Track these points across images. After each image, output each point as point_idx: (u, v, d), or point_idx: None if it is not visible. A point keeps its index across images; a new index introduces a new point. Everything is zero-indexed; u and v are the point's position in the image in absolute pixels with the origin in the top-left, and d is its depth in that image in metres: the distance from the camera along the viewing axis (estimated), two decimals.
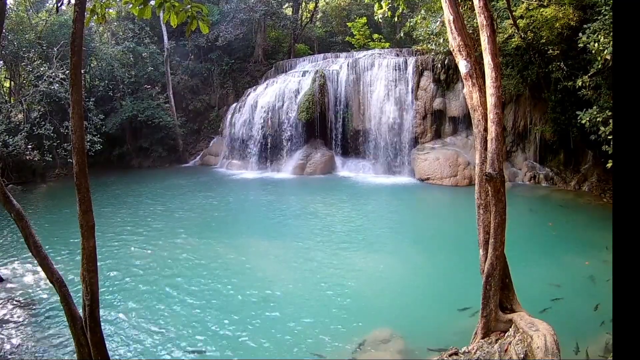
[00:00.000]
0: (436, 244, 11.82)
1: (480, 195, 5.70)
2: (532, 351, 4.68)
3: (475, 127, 5.79)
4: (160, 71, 27.01)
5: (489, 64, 5.50)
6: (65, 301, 4.46)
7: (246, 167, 23.57)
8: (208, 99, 29.03)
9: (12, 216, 4.44)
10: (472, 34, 12.41)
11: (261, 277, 9.34)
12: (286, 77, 24.40)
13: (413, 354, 6.42)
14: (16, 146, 19.62)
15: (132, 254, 10.82)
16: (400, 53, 23.95)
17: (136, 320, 7.56)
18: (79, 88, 4.33)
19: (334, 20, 33.49)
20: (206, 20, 4.74)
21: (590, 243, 10.92)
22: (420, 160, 19.96)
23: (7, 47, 22.17)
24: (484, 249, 5.60)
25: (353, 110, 22.62)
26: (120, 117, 24.86)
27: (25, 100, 21.95)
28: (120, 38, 26.60)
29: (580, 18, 13.60)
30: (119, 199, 17.41)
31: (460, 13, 6.03)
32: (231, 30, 27.37)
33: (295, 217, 14.63)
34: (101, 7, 5.05)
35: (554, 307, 7.36)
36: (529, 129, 19.21)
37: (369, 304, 8.17)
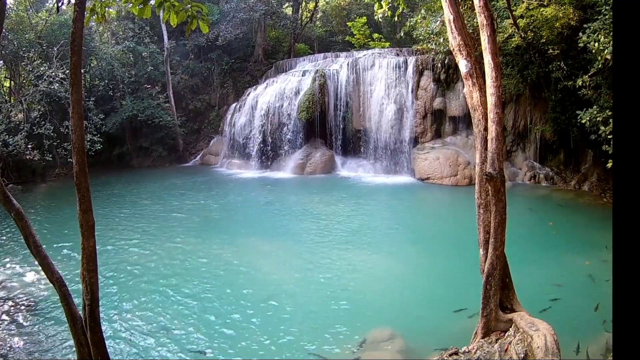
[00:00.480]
0: (436, 244, 11.82)
1: (480, 195, 5.70)
2: (532, 351, 4.68)
3: (475, 126, 5.78)
4: (160, 71, 26.99)
5: (489, 64, 5.49)
6: (65, 301, 4.45)
7: (246, 166, 23.56)
8: (208, 98, 29.02)
9: (12, 216, 4.43)
10: (472, 33, 12.40)
11: (261, 277, 9.34)
12: (286, 77, 24.38)
13: (413, 353, 6.42)
14: (16, 146, 19.62)
15: (131, 254, 10.81)
16: (401, 53, 23.94)
17: (136, 320, 7.56)
18: (79, 87, 4.33)
19: (334, 20, 33.49)
20: (206, 20, 4.73)
21: (591, 243, 10.92)
22: (421, 160, 19.95)
23: (7, 47, 22.18)
24: (484, 249, 5.59)
25: (353, 109, 22.61)
26: (120, 117, 24.86)
27: (25, 99, 21.94)
28: (120, 37, 26.59)
29: (581, 18, 13.59)
30: (119, 198, 17.41)
31: (460, 12, 6.03)
32: (231, 30, 27.36)
33: (295, 217, 14.63)
34: (101, 7, 5.05)
35: (554, 307, 7.36)
36: (529, 128, 19.21)
37: (369, 304, 8.17)
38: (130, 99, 25.65)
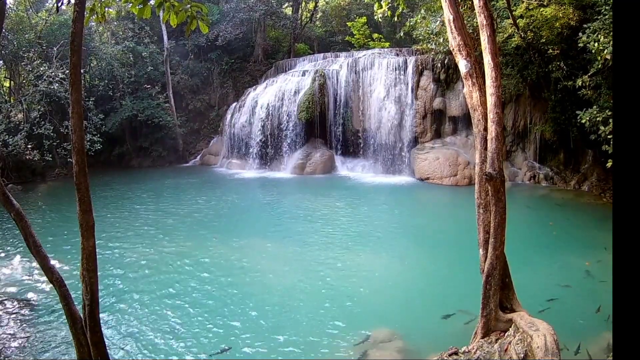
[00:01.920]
0: (436, 244, 11.81)
1: (480, 195, 5.69)
2: (532, 351, 4.68)
3: (475, 126, 5.78)
4: (160, 71, 27.00)
5: (489, 64, 5.49)
6: (65, 301, 4.45)
7: (246, 166, 23.57)
8: (208, 98, 29.02)
9: (12, 216, 4.43)
10: (472, 33, 12.41)
11: (260, 278, 9.33)
12: (286, 77, 24.39)
13: (413, 353, 6.42)
14: (16, 146, 19.64)
15: (131, 254, 10.80)
16: (400, 53, 23.95)
17: (136, 320, 7.55)
18: (79, 87, 4.32)
19: (333, 20, 33.49)
20: (206, 20, 4.73)
21: (591, 243, 10.92)
22: (420, 160, 19.96)
23: (6, 47, 22.19)
24: (484, 249, 5.59)
25: (353, 109, 22.62)
26: (120, 117, 24.86)
27: (25, 99, 21.95)
28: (120, 38, 26.60)
29: (580, 18, 13.60)
30: (118, 198, 17.40)
31: (460, 12, 6.02)
32: (231, 30, 27.37)
33: (295, 217, 14.62)
34: (101, 7, 5.04)
35: (553, 307, 7.35)
36: (528, 128, 19.22)
37: (369, 304, 8.16)
38: (130, 99, 25.65)
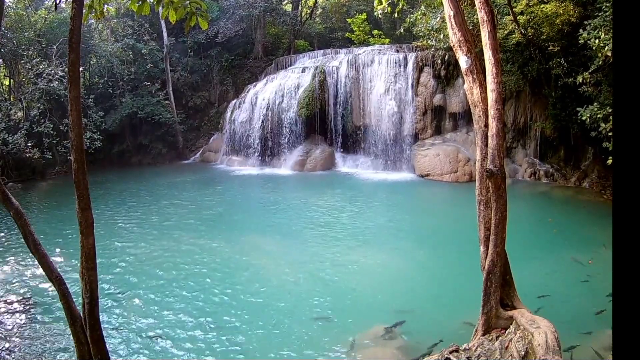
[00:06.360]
0: (436, 241, 11.80)
1: (480, 192, 5.68)
2: (533, 348, 4.67)
3: (475, 123, 5.76)
4: (159, 68, 26.95)
5: (490, 60, 5.46)
6: (65, 299, 4.44)
7: (246, 163, 23.55)
8: (208, 95, 28.98)
9: (11, 214, 4.42)
10: (473, 29, 12.35)
11: (260, 275, 9.33)
12: (286, 74, 24.34)
13: (413, 350, 6.42)
14: (16, 144, 19.63)
15: (131, 251, 10.81)
16: (400, 49, 23.88)
17: (136, 318, 7.56)
18: (77, 85, 4.30)
19: (333, 17, 33.37)
20: (205, 16, 4.71)
21: (591, 240, 10.91)
22: (421, 157, 19.93)
23: (6, 45, 22.13)
24: (485, 246, 5.58)
25: (353, 106, 22.57)
26: (119, 114, 24.83)
27: (24, 98, 21.93)
28: (119, 35, 26.53)
29: (581, 14, 13.54)
30: (118, 196, 17.41)
31: (460, 8, 5.99)
32: (231, 27, 27.30)
33: (295, 213, 14.62)
34: (99, 4, 5.02)
35: (553, 305, 7.35)
36: (529, 125, 19.17)
37: (368, 301, 8.16)
38: (130, 96, 25.61)
